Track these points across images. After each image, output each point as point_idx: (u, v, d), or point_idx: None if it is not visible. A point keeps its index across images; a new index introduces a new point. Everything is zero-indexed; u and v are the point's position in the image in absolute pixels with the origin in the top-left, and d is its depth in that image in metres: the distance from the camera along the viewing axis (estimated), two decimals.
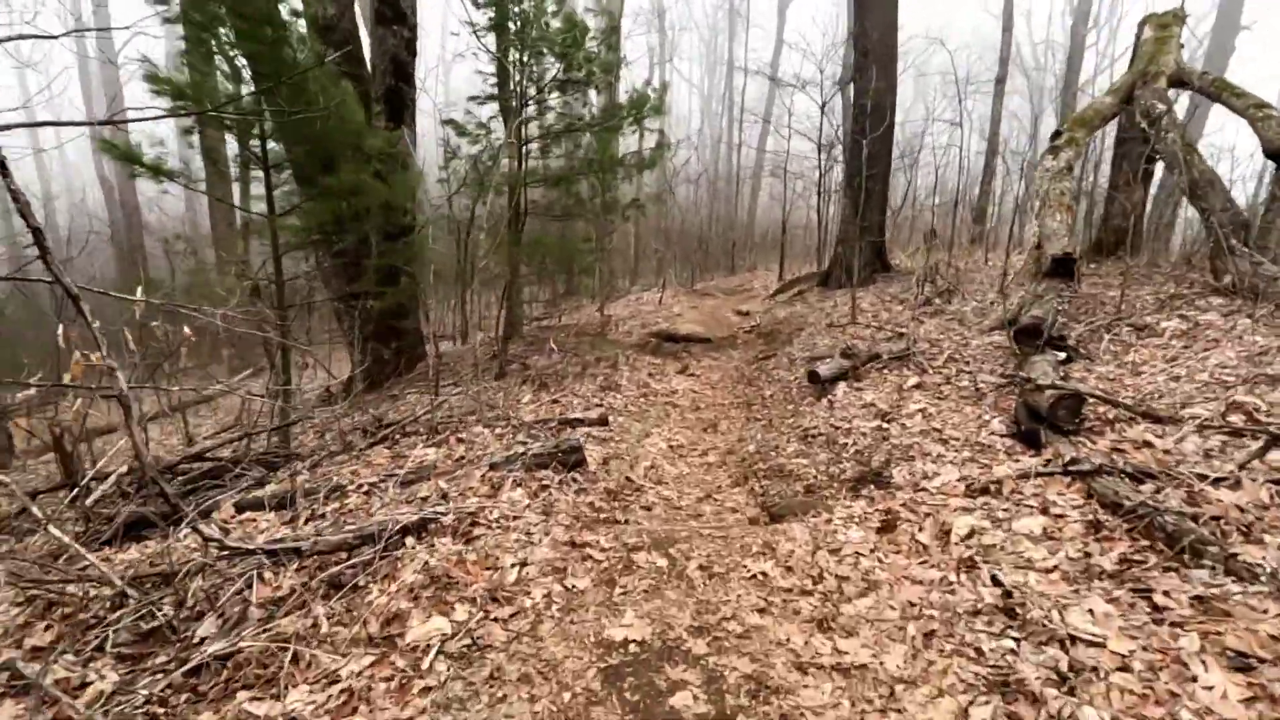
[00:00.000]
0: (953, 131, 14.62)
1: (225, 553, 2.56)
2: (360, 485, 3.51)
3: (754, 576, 2.59)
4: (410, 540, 2.79)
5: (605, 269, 15.84)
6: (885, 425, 4.21)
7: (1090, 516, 2.63)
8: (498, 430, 4.58)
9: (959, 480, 3.23)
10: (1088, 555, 2.40)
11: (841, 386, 5.12)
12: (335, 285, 8.06)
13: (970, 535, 2.70)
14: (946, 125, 13.95)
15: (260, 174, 4.98)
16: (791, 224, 15.69)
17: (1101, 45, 23.15)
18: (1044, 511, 2.75)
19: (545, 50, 5.91)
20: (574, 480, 3.61)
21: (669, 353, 8.34)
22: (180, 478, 4.42)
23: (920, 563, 2.61)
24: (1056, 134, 7.84)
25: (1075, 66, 17.90)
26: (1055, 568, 2.37)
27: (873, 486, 3.45)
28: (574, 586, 2.50)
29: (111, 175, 19.54)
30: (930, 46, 15.62)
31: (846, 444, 4.12)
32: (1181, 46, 8.18)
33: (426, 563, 2.61)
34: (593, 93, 7.28)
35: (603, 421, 4.77)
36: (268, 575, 2.49)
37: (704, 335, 8.81)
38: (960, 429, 3.85)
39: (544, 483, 3.48)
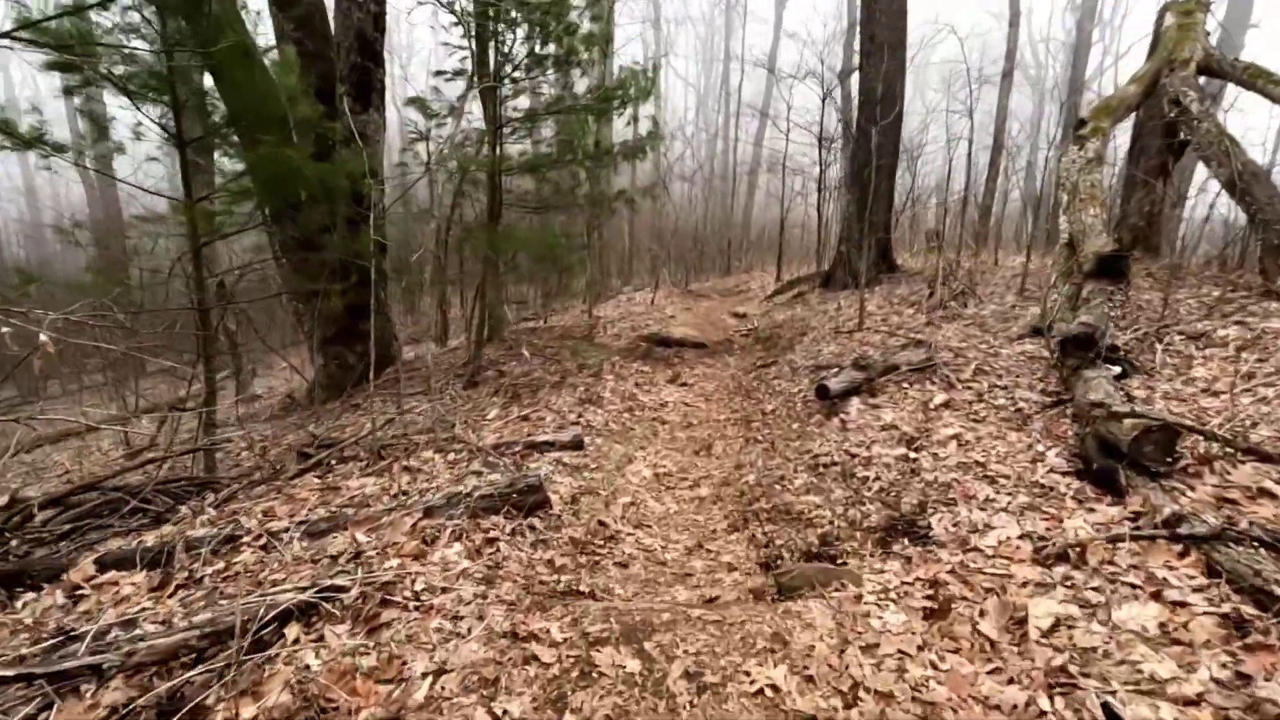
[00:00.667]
0: (955, 126, 13.90)
1: None
2: (260, 536, 2.73)
3: (760, 691, 1.82)
4: (293, 630, 2.02)
5: (596, 267, 15.06)
6: (913, 455, 3.45)
7: (1225, 608, 1.88)
8: (452, 455, 3.81)
9: (1021, 538, 2.48)
10: (1242, 677, 1.65)
11: (855, 403, 4.37)
12: (293, 282, 7.28)
13: (1055, 628, 1.95)
14: (949, 120, 13.21)
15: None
16: (789, 223, 14.93)
17: (1105, 42, 22.45)
18: (1155, 596, 1.99)
19: (521, 19, 5.13)
20: (531, 529, 2.84)
21: (660, 358, 7.58)
22: (68, 512, 3.63)
23: (991, 671, 1.85)
24: (1081, 123, 7.09)
25: (1081, 63, 17.22)
26: (1200, 698, 1.61)
27: (907, 541, 2.69)
28: (505, 714, 1.73)
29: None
30: (932, 37, 14.87)
31: (867, 478, 3.36)
32: (1208, 34, 7.46)
33: (307, 669, 1.85)
34: (577, 73, 6.50)
35: (577, 445, 4.00)
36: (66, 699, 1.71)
37: (698, 340, 8.05)
38: (1009, 463, 3.10)
39: (491, 534, 2.71)
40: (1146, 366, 4.07)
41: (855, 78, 16.24)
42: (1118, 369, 3.85)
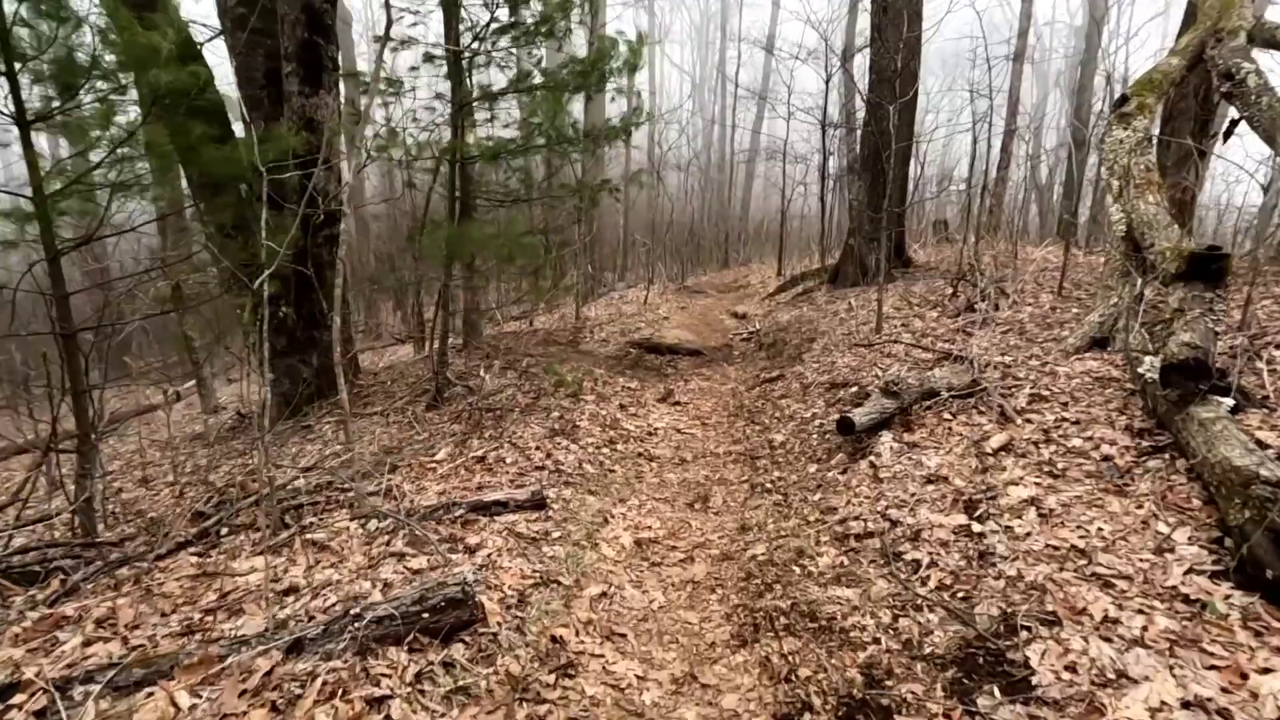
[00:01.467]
0: (965, 109, 12.90)
1: None
2: (41, 691, 1.82)
3: None
4: None
5: (587, 262, 14.09)
6: (977, 527, 2.54)
7: None
8: (374, 525, 2.89)
9: (1186, 707, 1.57)
10: None
11: (886, 440, 3.45)
12: (236, 286, 6.33)
13: None
14: (958, 102, 12.20)
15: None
16: (788, 214, 13.95)
17: (1113, 25, 21.30)
18: None
19: None
20: (448, 668, 1.93)
21: (651, 368, 6.66)
22: None
23: None
24: (1123, 99, 6.10)
25: (1093, 45, 16.13)
26: None
27: (997, 691, 1.79)
28: None
29: None
30: (943, 16, 13.79)
31: (918, 562, 2.45)
32: (1253, 0, 6.53)
33: None
34: (554, 46, 5.53)
35: (537, 504, 3.08)
36: None
37: (693, 346, 7.12)
38: (1123, 553, 2.18)
39: (383, 687, 1.80)
40: (1256, 395, 3.16)
41: (858, 60, 15.21)
42: (1229, 401, 2.93)
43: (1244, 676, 1.62)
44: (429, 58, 5.06)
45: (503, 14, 4.94)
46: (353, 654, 1.87)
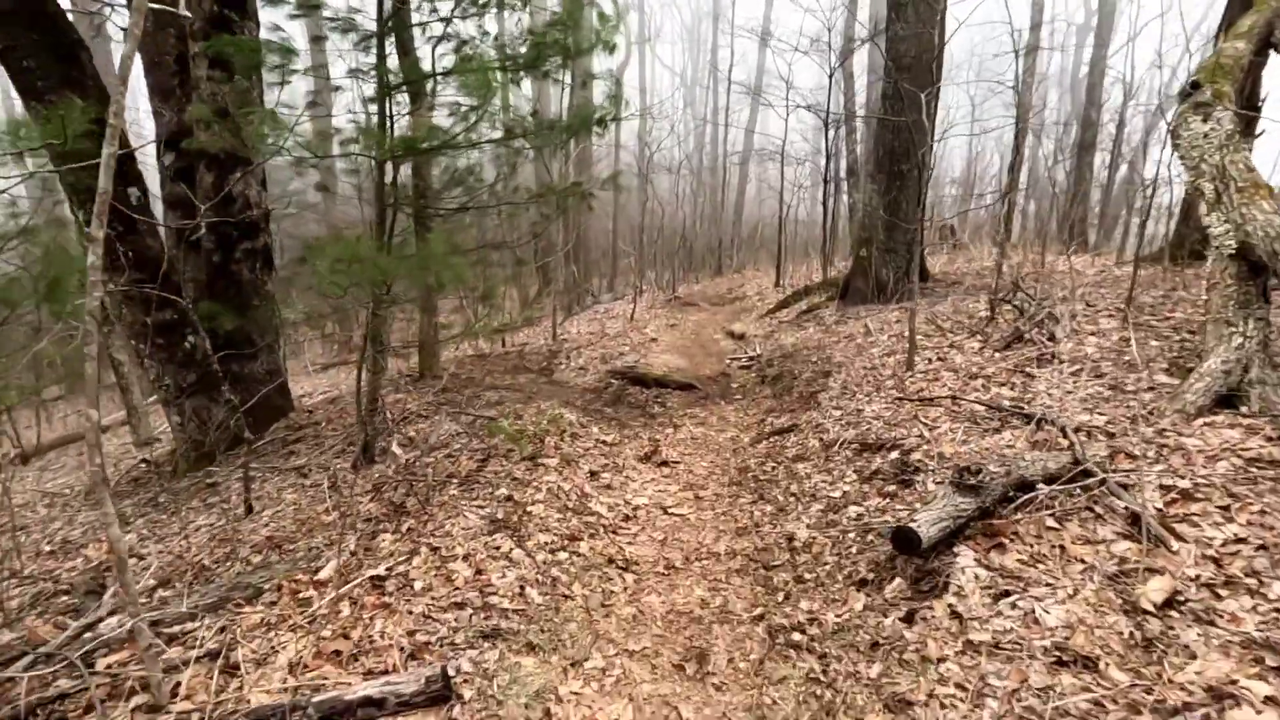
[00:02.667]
0: (983, 105, 11.81)
1: None
2: None
3: None
4: None
5: (574, 272, 12.88)
6: None
7: None
8: None
9: None
10: None
11: (967, 563, 2.30)
12: (128, 312, 5.11)
13: None
14: (978, 95, 11.09)
15: None
16: (784, 219, 12.78)
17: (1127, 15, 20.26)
18: None
19: None
20: None
21: (635, 405, 5.48)
22: None
23: None
24: (1195, 86, 4.93)
25: (1104, 39, 15.07)
26: None
27: None
28: None
29: None
30: None
31: None
32: None
33: None
34: (509, 16, 4.38)
35: (437, 698, 1.90)
36: None
37: (685, 378, 5.94)
38: None
39: None
40: None
41: (859, 56, 14.08)
42: None
43: None
44: (348, 25, 3.86)
45: None
46: None
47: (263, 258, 5.74)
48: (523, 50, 3.95)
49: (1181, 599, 1.94)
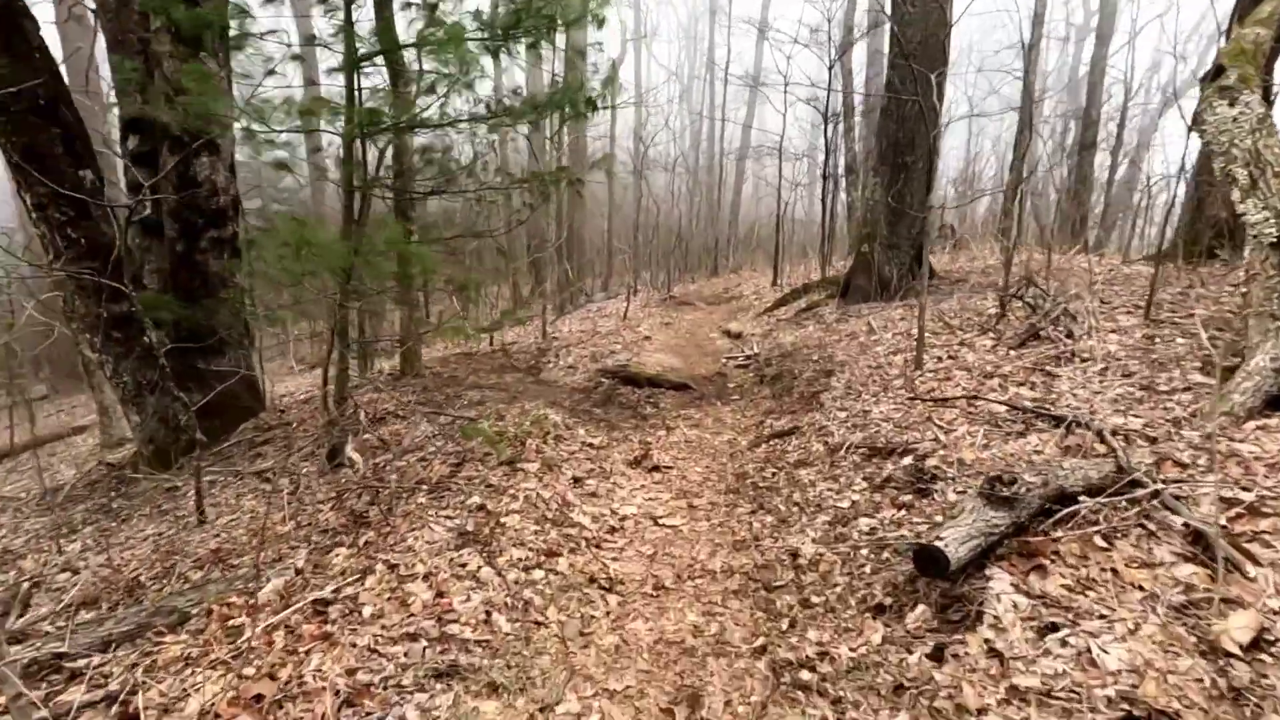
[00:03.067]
0: (991, 95, 11.53)
1: None
2: None
3: None
4: None
5: (568, 269, 12.53)
6: None
7: None
8: None
9: None
10: None
11: (1003, 588, 1.96)
12: (81, 304, 4.74)
13: None
14: (978, 89, 10.80)
15: None
16: (781, 216, 12.45)
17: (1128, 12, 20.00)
18: None
19: None
20: None
21: (626, 406, 5.14)
22: None
23: None
24: (1219, 70, 4.63)
25: (1105, 35, 14.81)
26: None
27: None
28: None
29: None
30: None
31: None
32: None
33: None
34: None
35: None
36: None
37: (679, 378, 5.60)
38: None
39: None
40: None
41: (859, 48, 13.79)
42: None
43: None
44: None
45: None
46: None
47: (230, 248, 5.38)
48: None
49: (1270, 638, 1.61)
